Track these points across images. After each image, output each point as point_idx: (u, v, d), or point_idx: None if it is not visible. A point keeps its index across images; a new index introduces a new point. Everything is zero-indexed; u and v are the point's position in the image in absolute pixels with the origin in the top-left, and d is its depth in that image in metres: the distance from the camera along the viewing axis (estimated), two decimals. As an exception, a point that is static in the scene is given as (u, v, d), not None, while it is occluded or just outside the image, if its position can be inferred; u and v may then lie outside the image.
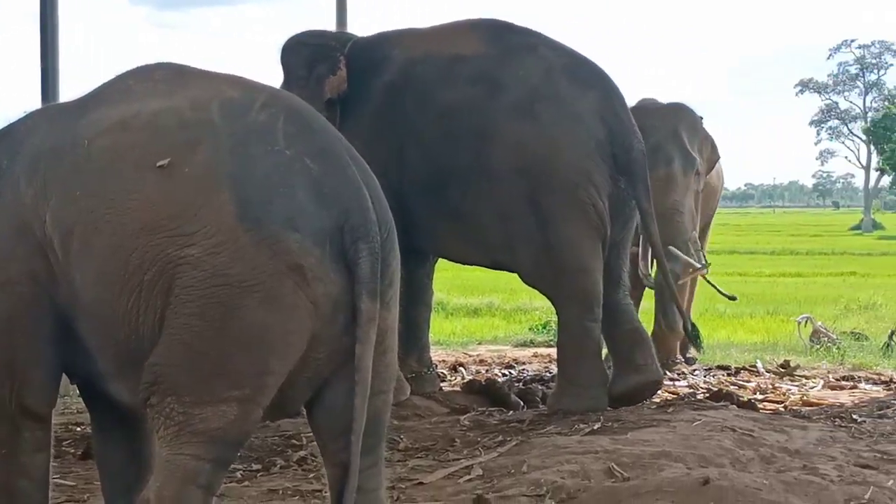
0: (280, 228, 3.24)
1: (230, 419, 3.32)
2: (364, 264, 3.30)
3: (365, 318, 3.31)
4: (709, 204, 9.71)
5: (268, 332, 3.27)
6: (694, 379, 9.02)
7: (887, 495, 4.89)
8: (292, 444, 6.02)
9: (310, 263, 3.26)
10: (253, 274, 3.23)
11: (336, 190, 3.35)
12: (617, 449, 5.48)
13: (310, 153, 3.37)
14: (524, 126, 6.81)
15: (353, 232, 3.31)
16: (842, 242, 48.13)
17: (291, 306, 3.27)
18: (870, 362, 10.48)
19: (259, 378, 3.31)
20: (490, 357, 10.47)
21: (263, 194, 3.27)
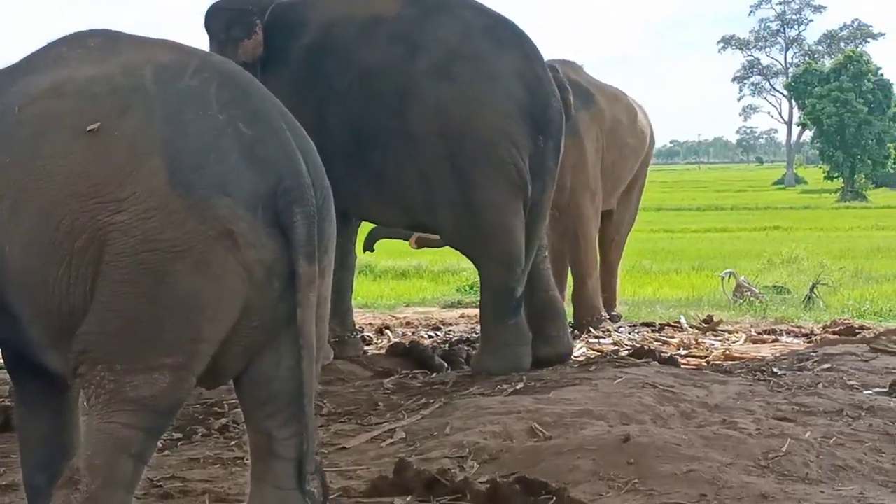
0: (211, 193, 3.21)
1: (162, 387, 3.28)
2: (299, 228, 3.27)
3: (304, 281, 3.28)
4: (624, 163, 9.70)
5: (199, 299, 3.24)
6: (619, 336, 9.07)
7: (804, 447, 4.95)
8: (214, 412, 5.97)
9: (241, 228, 3.22)
10: (184, 239, 3.20)
11: (269, 154, 3.31)
12: (539, 408, 5.50)
13: (243, 118, 3.33)
14: (443, 87, 6.78)
15: (286, 196, 3.28)
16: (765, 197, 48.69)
17: (223, 272, 3.23)
18: (791, 315, 10.63)
19: (191, 345, 3.28)
20: (417, 319, 10.47)
21: (195, 159, 3.23)
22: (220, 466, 5.04)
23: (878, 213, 35.96)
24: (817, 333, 9.23)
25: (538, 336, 6.95)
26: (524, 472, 4.63)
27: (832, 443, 5.06)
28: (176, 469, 5.00)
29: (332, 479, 4.82)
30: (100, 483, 3.30)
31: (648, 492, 4.50)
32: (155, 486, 4.70)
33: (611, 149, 9.41)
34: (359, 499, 4.51)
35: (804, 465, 4.79)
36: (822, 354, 7.52)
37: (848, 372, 6.89)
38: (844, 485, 4.64)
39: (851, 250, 20.46)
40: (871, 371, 6.96)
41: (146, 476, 4.67)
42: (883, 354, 7.49)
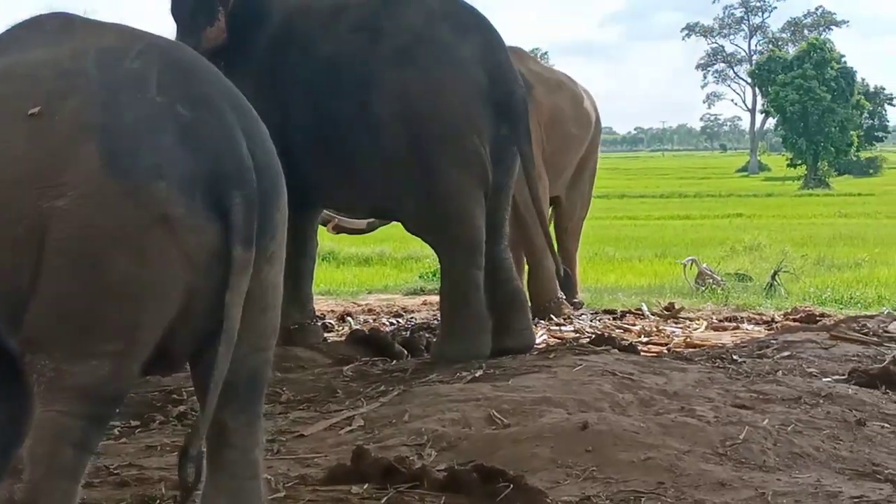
0: (146, 177, 3.15)
1: (102, 374, 3.23)
2: (237, 211, 3.22)
3: (237, 267, 3.23)
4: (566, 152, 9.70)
5: (137, 285, 3.18)
6: (580, 323, 9.08)
7: (761, 435, 4.96)
8: (172, 399, 5.93)
9: (178, 213, 3.17)
10: (120, 225, 3.15)
11: (209, 137, 3.25)
12: (498, 396, 5.49)
13: (183, 100, 3.27)
14: (406, 73, 6.75)
15: (225, 179, 3.23)
16: (729, 184, 48.93)
17: (161, 258, 3.18)
18: (753, 303, 10.67)
19: (131, 332, 3.23)
20: (379, 306, 10.45)
21: (130, 143, 3.18)
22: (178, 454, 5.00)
23: (840, 201, 36.21)
24: (778, 321, 9.26)
25: (501, 328, 6.94)
26: (482, 459, 4.62)
27: (790, 430, 5.07)
28: (133, 457, 4.97)
29: (290, 466, 4.82)
30: (42, 473, 3.24)
31: (606, 479, 4.51)
32: (112, 474, 4.67)
33: (551, 138, 9.42)
34: (316, 486, 4.49)
35: (762, 453, 4.81)
36: (782, 342, 7.55)
37: (807, 359, 6.92)
38: (801, 472, 4.65)
39: (814, 238, 20.58)
40: (831, 359, 6.99)
41: (102, 463, 4.69)
42: (842, 342, 7.51)
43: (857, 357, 7.02)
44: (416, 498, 4.33)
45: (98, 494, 4.34)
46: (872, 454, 4.88)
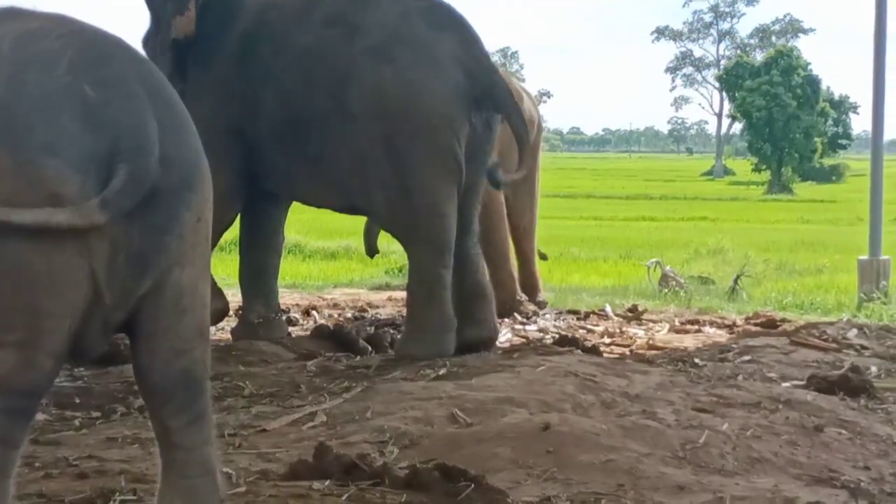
0: (38, 154, 3.03)
1: (9, 366, 3.11)
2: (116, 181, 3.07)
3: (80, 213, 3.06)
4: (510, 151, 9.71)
5: (30, 268, 3.06)
6: (544, 323, 9.11)
7: (721, 439, 5.00)
8: (134, 391, 5.87)
9: (69, 192, 3.04)
10: (10, 203, 3.00)
11: (111, 118, 3.13)
12: (461, 395, 5.51)
13: (93, 81, 3.16)
14: (382, 70, 6.75)
15: (119, 157, 3.09)
16: (694, 188, 49.14)
17: (53, 238, 3.04)
18: (715, 306, 10.73)
19: (33, 320, 3.10)
20: (344, 301, 10.44)
21: (27, 120, 3.06)
22: (139, 446, 4.99)
23: (803, 207, 36.41)
24: (739, 325, 9.32)
25: (465, 318, 6.97)
26: (444, 458, 4.63)
27: (749, 435, 5.11)
28: (93, 448, 4.95)
29: (252, 461, 4.81)
30: None
31: (566, 480, 4.53)
32: (71, 466, 4.65)
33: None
34: (277, 482, 4.49)
35: (721, 457, 4.84)
36: (742, 346, 7.60)
37: (767, 364, 6.97)
38: (760, 477, 4.69)
39: (776, 243, 20.71)
40: (791, 364, 7.04)
41: (62, 455, 4.68)
42: (802, 348, 7.57)
43: (817, 363, 7.08)
44: (377, 495, 4.34)
45: (57, 486, 4.32)
46: (829, 460, 4.93)
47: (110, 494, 4.18)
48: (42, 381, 3.23)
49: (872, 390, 6.19)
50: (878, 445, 5.22)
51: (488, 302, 7.19)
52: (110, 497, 4.16)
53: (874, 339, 8.10)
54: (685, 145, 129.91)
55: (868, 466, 4.91)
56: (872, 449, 5.16)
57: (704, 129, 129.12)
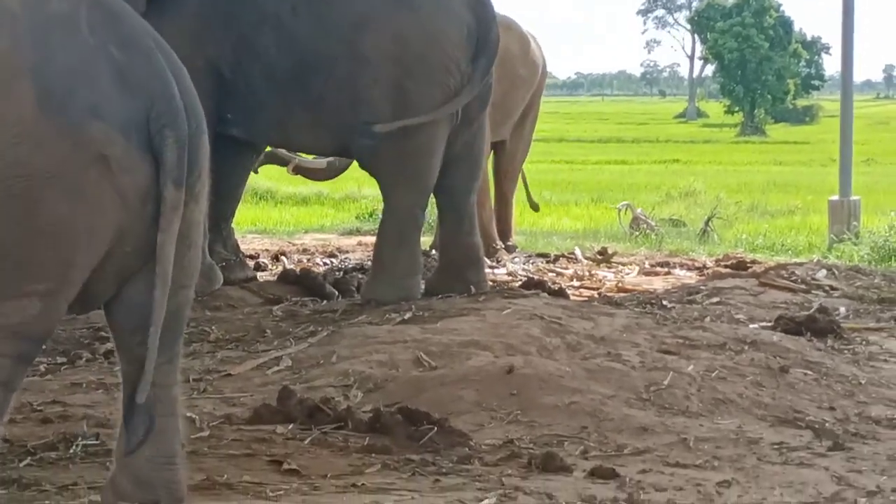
0: (83, 117, 3.16)
1: (33, 314, 3.23)
2: (170, 152, 3.24)
3: (169, 206, 3.25)
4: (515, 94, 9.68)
5: (72, 225, 3.19)
6: (513, 266, 9.09)
7: (686, 381, 5.01)
8: (100, 337, 5.86)
9: (115, 153, 3.19)
10: (56, 164, 3.15)
11: (141, 78, 3.27)
12: (426, 338, 5.49)
13: (114, 41, 3.27)
14: (402, 15, 6.78)
15: (159, 120, 3.24)
16: (667, 130, 49.16)
17: (96, 197, 3.20)
18: (686, 248, 10.73)
19: (63, 271, 3.23)
20: (314, 246, 10.41)
21: (66, 83, 3.18)
22: (103, 391, 4.99)
23: (776, 148, 36.52)
24: (710, 267, 9.31)
25: (457, 280, 6.98)
26: (408, 401, 4.65)
27: (714, 376, 5.12)
28: (57, 393, 4.95)
29: (216, 405, 4.81)
30: None
31: (530, 423, 4.54)
32: (35, 411, 4.66)
33: (501, 80, 9.35)
34: (241, 426, 4.49)
35: (685, 399, 4.86)
36: (711, 288, 7.59)
37: (735, 306, 6.97)
38: (724, 418, 4.71)
39: (748, 184, 20.76)
40: (759, 305, 7.05)
41: (26, 400, 4.66)
42: (771, 289, 7.57)
43: (785, 304, 7.08)
44: (339, 439, 4.34)
45: (20, 431, 4.31)
46: (794, 401, 4.94)
47: (73, 439, 4.20)
48: (54, 328, 3.39)
49: (840, 331, 6.21)
50: (844, 386, 5.24)
51: (480, 264, 7.24)
52: (73, 442, 4.18)
53: (843, 279, 8.11)
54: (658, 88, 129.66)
55: (833, 407, 4.94)
56: (838, 389, 5.18)
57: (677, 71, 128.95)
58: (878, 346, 6.15)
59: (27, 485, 3.71)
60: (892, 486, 3.96)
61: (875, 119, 51.33)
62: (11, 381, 3.30)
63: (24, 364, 3.35)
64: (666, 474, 4.02)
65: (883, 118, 52.85)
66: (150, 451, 3.45)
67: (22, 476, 3.80)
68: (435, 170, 6.87)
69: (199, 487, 3.70)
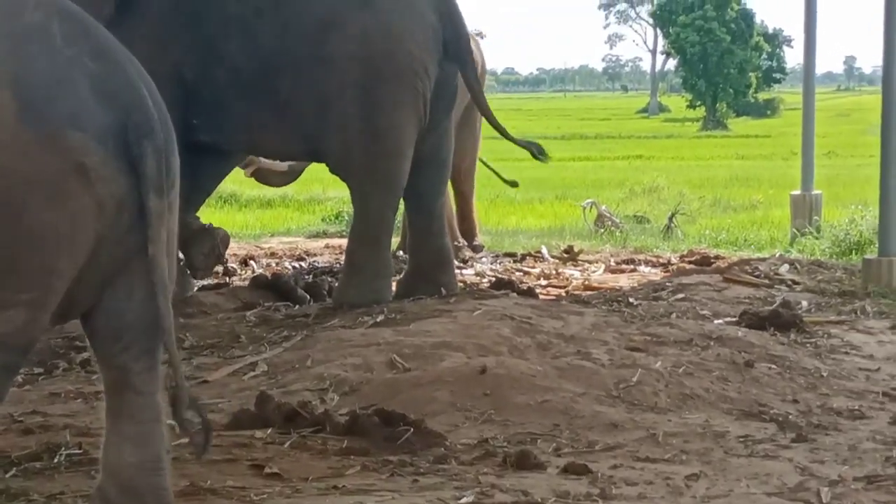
0: (63, 126, 3.22)
1: (17, 324, 3.28)
2: (149, 162, 3.30)
3: (154, 216, 3.32)
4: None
5: (53, 233, 3.25)
6: (481, 266, 9.20)
7: (654, 377, 5.13)
8: (76, 346, 5.91)
9: (93, 162, 3.25)
10: (37, 173, 3.20)
11: (117, 89, 3.33)
12: (399, 340, 5.58)
13: (88, 53, 3.34)
14: (366, 15, 6.82)
15: (136, 130, 3.31)
16: (629, 126, 49.28)
17: (76, 205, 3.25)
18: (650, 245, 10.84)
19: (46, 280, 3.29)
20: (282, 249, 10.46)
21: (44, 93, 3.23)
22: (82, 401, 5.05)
23: (738, 142, 36.69)
24: (674, 263, 9.45)
25: (428, 282, 7.06)
26: (384, 403, 4.74)
27: (681, 372, 5.24)
28: (37, 404, 4.99)
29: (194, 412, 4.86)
30: None
31: (504, 422, 4.64)
32: (16, 422, 4.69)
33: None
34: (220, 432, 4.54)
35: (654, 395, 4.98)
36: (676, 284, 7.72)
37: (701, 302, 7.09)
38: (691, 413, 4.83)
39: (711, 179, 20.90)
40: (723, 301, 7.18)
41: (6, 411, 4.71)
42: (735, 284, 7.71)
43: (749, 299, 7.22)
44: (318, 442, 4.43)
45: (2, 442, 4.37)
46: (759, 395, 5.08)
47: (56, 449, 4.25)
48: (38, 338, 3.44)
49: (802, 325, 6.35)
50: (807, 379, 5.38)
51: (450, 265, 7.35)
52: (56, 451, 4.23)
53: (805, 273, 8.26)
54: (620, 83, 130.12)
55: (797, 399, 5.08)
56: (801, 382, 5.32)
57: (639, 66, 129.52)
58: (840, 338, 6.30)
59: (15, 495, 3.76)
60: (854, 476, 4.09)
61: (836, 111, 51.68)
62: (0, 393, 3.36)
63: (10, 374, 3.40)
64: (636, 469, 4.14)
65: (843, 110, 53.18)
66: (135, 458, 3.52)
67: (9, 486, 3.86)
68: (405, 172, 6.93)
69: (183, 493, 3.78)
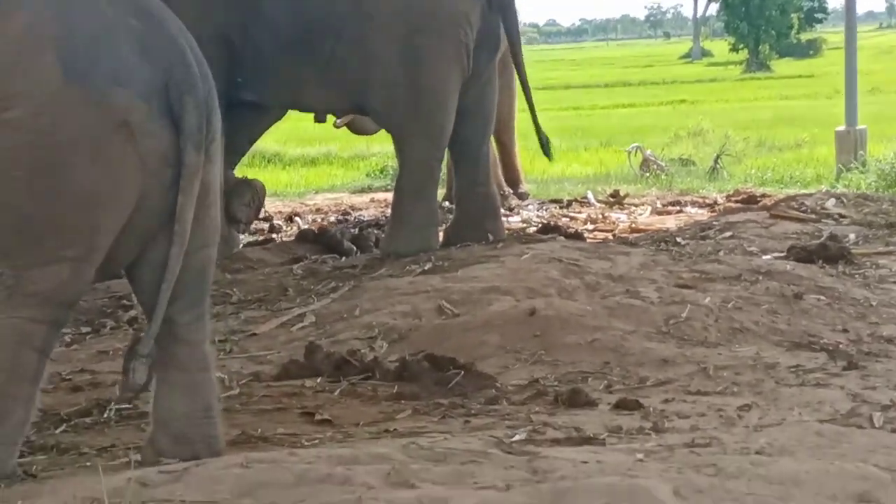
0: (106, 85, 3.26)
1: (63, 279, 3.33)
2: (190, 118, 3.34)
3: (190, 170, 3.35)
4: None
5: (98, 190, 3.29)
6: (527, 213, 9.17)
7: (703, 312, 5.10)
8: (123, 305, 5.95)
9: (137, 119, 3.29)
10: (81, 132, 3.24)
11: (159, 46, 3.37)
12: (447, 287, 5.56)
13: (130, 12, 3.37)
14: None
15: (178, 86, 3.34)
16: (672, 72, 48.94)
17: (120, 162, 3.30)
18: (696, 187, 10.80)
19: (91, 237, 3.33)
20: (327, 205, 10.48)
21: (88, 53, 3.27)
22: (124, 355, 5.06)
23: (781, 83, 36.39)
24: (720, 203, 9.40)
25: (475, 229, 7.07)
26: (433, 349, 4.72)
27: (730, 307, 5.21)
28: (85, 362, 5.02)
29: (243, 364, 4.89)
30: (4, 378, 3.35)
31: (554, 362, 4.63)
32: (64, 380, 4.72)
33: None
34: (269, 383, 4.57)
35: (703, 329, 4.95)
36: (723, 223, 7.66)
37: (748, 239, 7.04)
38: (742, 346, 4.80)
39: (755, 121, 20.74)
40: (771, 237, 7.12)
41: (55, 370, 4.74)
42: (782, 221, 7.64)
43: (796, 234, 7.16)
44: (368, 388, 4.42)
45: (52, 400, 4.37)
46: (809, 326, 5.04)
47: (105, 404, 4.27)
48: (83, 293, 3.51)
49: (850, 257, 6.30)
50: (856, 309, 5.34)
51: (497, 213, 7.36)
52: (106, 407, 4.24)
53: (852, 207, 8.18)
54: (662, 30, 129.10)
55: (846, 329, 5.04)
56: (850, 312, 5.27)
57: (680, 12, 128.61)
58: (888, 269, 6.24)
59: (65, 449, 3.78)
60: (906, 400, 4.05)
61: (879, 49, 51.04)
62: (46, 347, 3.41)
63: (57, 329, 3.45)
64: (688, 402, 4.11)
65: (886, 48, 52.54)
66: (186, 408, 3.55)
67: (59, 441, 3.88)
68: (450, 123, 6.95)
69: (235, 442, 3.78)
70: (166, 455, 3.50)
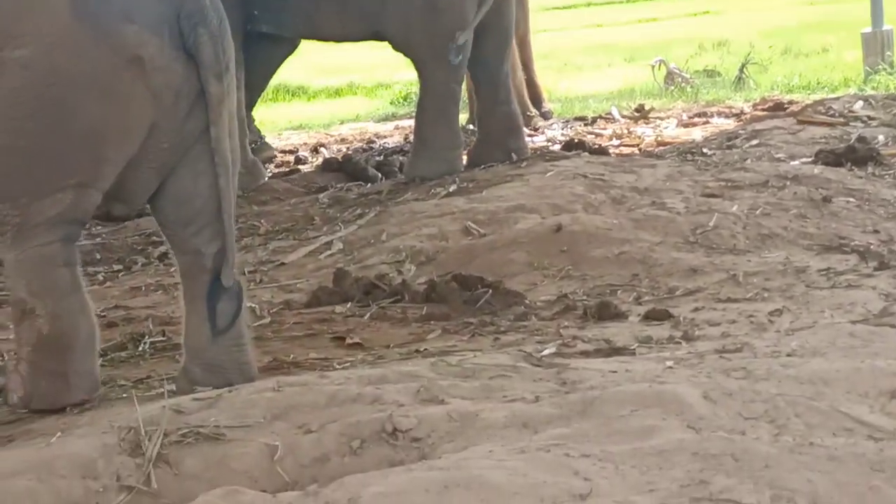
0: (116, 21, 3.26)
1: (67, 203, 3.37)
2: (206, 49, 3.34)
3: (215, 100, 3.37)
4: None
5: (105, 126, 3.32)
6: (551, 132, 9.11)
7: (731, 220, 5.07)
8: (153, 242, 5.98)
9: (149, 53, 3.29)
10: (91, 69, 3.25)
11: None
12: (473, 208, 5.57)
13: None
14: None
15: (190, 18, 3.34)
16: (695, -17, 48.28)
17: (130, 98, 3.31)
18: (722, 97, 10.67)
19: (96, 167, 3.37)
20: (352, 135, 10.44)
21: None
22: (162, 292, 5.10)
23: (806, -11, 35.83)
24: (747, 112, 9.30)
25: (498, 148, 7.05)
26: (460, 269, 4.73)
27: (758, 213, 5.18)
28: (119, 299, 5.06)
29: (274, 293, 4.91)
30: (53, 299, 3.42)
31: (582, 276, 4.63)
32: (99, 317, 4.70)
33: None
34: (300, 310, 4.59)
35: (731, 237, 4.92)
36: (750, 131, 7.61)
37: (775, 146, 6.99)
38: (771, 251, 4.78)
39: (780, 29, 20.41)
40: (798, 143, 7.06)
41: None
42: (809, 126, 7.58)
43: (824, 139, 7.10)
44: (398, 311, 4.44)
45: (88, 336, 4.42)
46: (839, 228, 5.01)
47: (140, 338, 4.31)
48: (91, 211, 3.52)
49: (879, 158, 6.24)
50: (886, 209, 5.30)
51: (520, 131, 7.33)
52: (140, 340, 4.29)
53: (880, 108, 8.09)
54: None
55: (877, 230, 5.00)
56: (881, 213, 5.24)
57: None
58: (920, 168, 6.18)
59: (102, 382, 3.81)
60: (941, 296, 4.03)
61: (905, -52, 50.25)
62: (69, 259, 3.47)
63: (72, 241, 3.49)
64: (718, 310, 4.11)
65: (913, -54, 51.74)
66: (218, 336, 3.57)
67: (96, 375, 3.93)
68: (468, 46, 6.91)
69: (267, 368, 3.82)
70: (200, 384, 3.54)
